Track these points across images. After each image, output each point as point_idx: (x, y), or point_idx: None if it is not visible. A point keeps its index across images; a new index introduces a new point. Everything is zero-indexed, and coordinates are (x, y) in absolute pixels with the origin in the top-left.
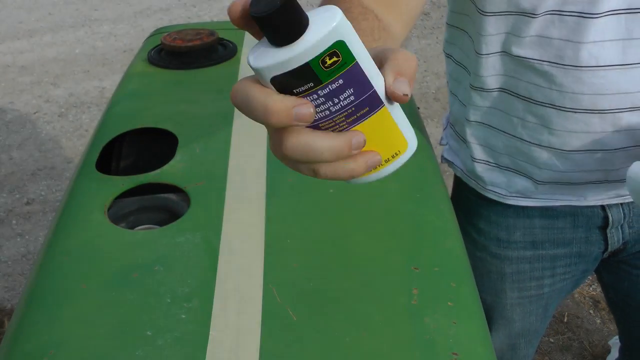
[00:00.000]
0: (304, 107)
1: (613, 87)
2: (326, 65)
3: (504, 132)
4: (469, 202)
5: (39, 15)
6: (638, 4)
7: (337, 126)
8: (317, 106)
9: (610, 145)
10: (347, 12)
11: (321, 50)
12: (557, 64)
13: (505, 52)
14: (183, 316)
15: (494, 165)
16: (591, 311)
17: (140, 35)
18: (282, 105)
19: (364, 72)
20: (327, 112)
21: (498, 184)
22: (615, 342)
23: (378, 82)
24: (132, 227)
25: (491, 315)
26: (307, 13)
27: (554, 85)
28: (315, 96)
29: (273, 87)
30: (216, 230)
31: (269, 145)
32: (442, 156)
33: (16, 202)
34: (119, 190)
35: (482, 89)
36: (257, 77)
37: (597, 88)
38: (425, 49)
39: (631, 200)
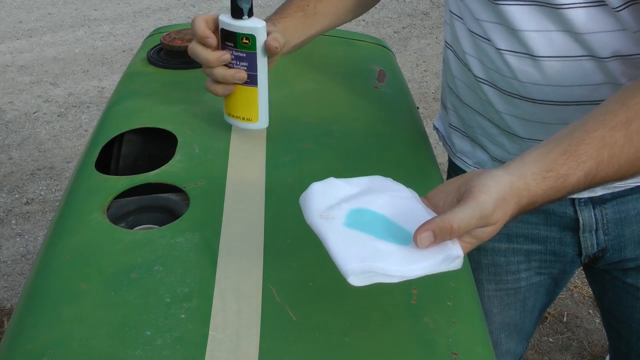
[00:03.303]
0: (226, 56)
1: (545, 78)
2: (242, 41)
3: (466, 104)
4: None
5: (38, 15)
6: None
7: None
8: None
9: None
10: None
11: (242, 32)
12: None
13: (462, 19)
14: (182, 316)
15: (464, 133)
16: (590, 311)
17: (139, 35)
18: (215, 56)
19: (256, 60)
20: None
21: (465, 153)
22: None
23: (262, 73)
24: (131, 227)
25: None
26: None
27: (491, 64)
28: (232, 51)
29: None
30: (216, 230)
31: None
32: (433, 124)
33: (15, 202)
34: (118, 190)
35: (451, 48)
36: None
37: (528, 77)
38: (425, 48)
39: (603, 205)
